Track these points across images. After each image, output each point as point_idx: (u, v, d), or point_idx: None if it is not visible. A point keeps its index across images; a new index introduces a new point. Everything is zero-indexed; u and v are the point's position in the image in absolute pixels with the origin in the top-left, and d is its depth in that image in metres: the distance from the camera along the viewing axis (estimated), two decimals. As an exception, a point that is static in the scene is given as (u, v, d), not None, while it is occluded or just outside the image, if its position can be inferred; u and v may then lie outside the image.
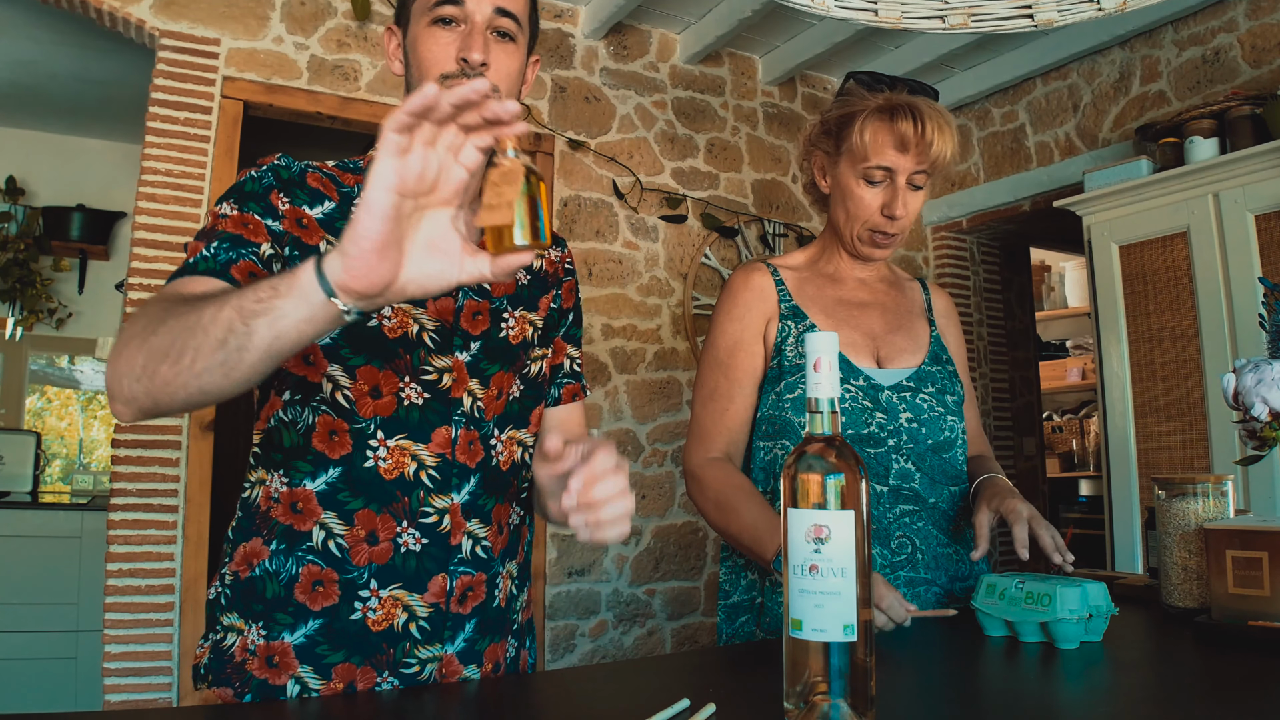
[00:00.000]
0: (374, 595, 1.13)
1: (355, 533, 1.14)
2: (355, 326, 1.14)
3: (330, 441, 1.15)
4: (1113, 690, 1.05)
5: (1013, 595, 1.26)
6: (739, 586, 1.63)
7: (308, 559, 1.13)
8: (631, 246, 4.06)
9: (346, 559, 1.13)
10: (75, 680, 4.01)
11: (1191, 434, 3.19)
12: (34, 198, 5.03)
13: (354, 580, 1.13)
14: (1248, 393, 1.33)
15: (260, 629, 1.13)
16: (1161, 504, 1.43)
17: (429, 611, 1.16)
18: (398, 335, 1.17)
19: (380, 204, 0.78)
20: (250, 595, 1.14)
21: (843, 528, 0.84)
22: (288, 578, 1.13)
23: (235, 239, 1.10)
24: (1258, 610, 1.22)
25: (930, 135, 1.52)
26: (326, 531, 1.14)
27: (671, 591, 3.98)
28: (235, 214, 1.12)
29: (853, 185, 1.59)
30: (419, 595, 1.15)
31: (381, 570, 1.14)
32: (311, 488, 1.15)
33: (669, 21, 4.15)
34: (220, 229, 1.11)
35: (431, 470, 1.18)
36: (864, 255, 1.65)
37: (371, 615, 1.13)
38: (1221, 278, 3.12)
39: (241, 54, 3.32)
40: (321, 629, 1.12)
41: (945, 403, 1.61)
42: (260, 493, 1.18)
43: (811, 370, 0.89)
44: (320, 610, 1.13)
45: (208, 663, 1.16)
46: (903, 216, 1.57)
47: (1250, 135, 3.14)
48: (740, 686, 0.93)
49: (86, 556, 4.11)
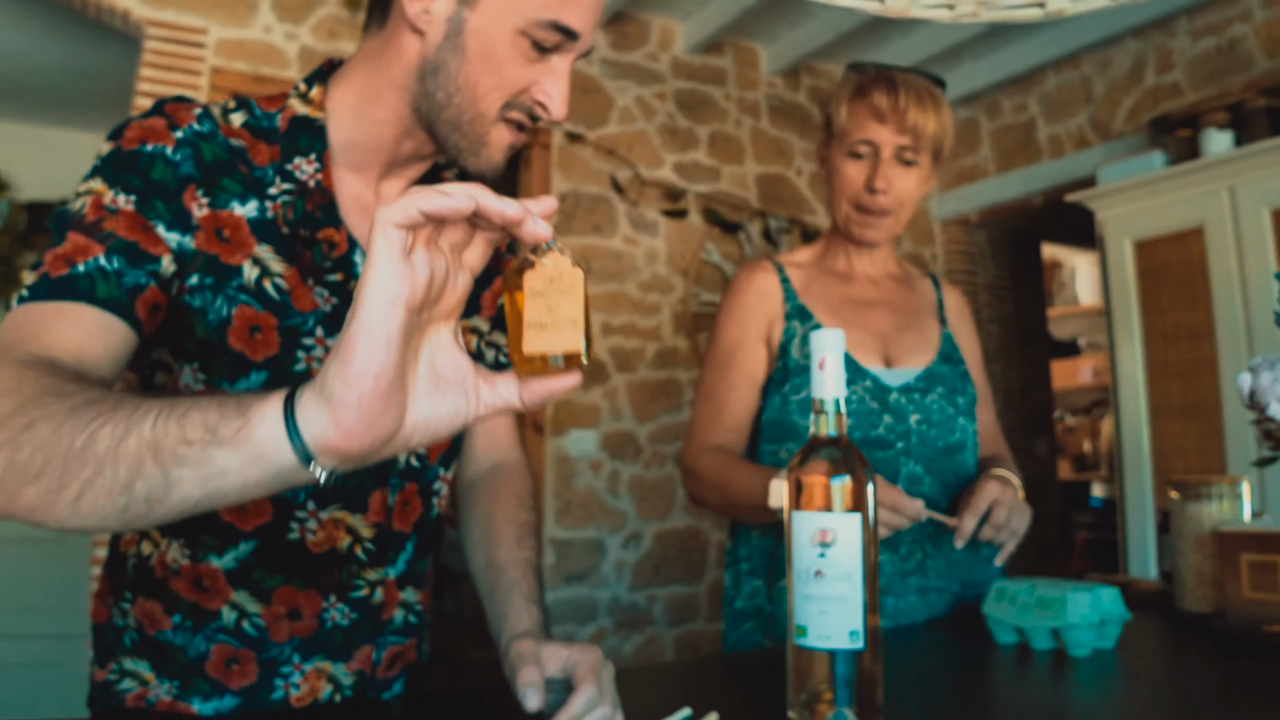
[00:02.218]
0: (296, 670, 1.00)
1: (274, 610, 0.97)
2: (278, 375, 0.92)
3: (241, 512, 0.96)
4: (1125, 698, 1.05)
5: (1024, 601, 1.23)
6: (743, 592, 1.60)
7: (219, 638, 0.96)
8: (631, 242, 4.00)
9: (266, 638, 0.98)
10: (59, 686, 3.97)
11: (1207, 435, 3.16)
12: (18, 191, 4.98)
13: (275, 658, 0.99)
14: (1264, 392, 1.31)
15: (173, 687, 0.97)
16: (1176, 507, 1.42)
17: (354, 680, 1.04)
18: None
19: (386, 325, 0.56)
20: (161, 655, 0.97)
21: (849, 532, 0.82)
22: (197, 655, 0.96)
23: (131, 250, 0.84)
24: (1274, 615, 1.20)
25: (904, 104, 1.52)
26: (239, 611, 0.96)
27: (672, 597, 3.92)
28: (130, 210, 0.85)
29: (840, 164, 1.60)
30: (344, 664, 1.03)
31: (305, 643, 1.00)
32: (218, 565, 0.96)
33: (670, 10, 4.10)
34: (108, 229, 0.83)
35: (367, 543, 1.02)
36: (855, 237, 1.64)
37: (295, 692, 1.00)
38: (1237, 274, 3.10)
39: (230, 43, 3.27)
40: (238, 709, 0.98)
41: (956, 404, 1.58)
42: (154, 556, 0.97)
43: (816, 369, 0.87)
44: (239, 689, 0.98)
45: (96, 695, 1.01)
46: (886, 191, 1.56)
47: (1267, 128, 3.12)
48: (744, 695, 0.93)
49: (70, 560, 4.06)
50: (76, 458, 0.61)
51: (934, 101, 1.55)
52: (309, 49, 3.39)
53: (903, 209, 1.59)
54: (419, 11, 0.91)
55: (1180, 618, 1.40)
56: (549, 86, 0.94)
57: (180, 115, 0.91)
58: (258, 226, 0.92)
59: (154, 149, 0.88)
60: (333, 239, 0.94)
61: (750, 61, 4.41)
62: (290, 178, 0.93)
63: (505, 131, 0.95)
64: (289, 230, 0.93)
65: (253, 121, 0.95)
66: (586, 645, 0.88)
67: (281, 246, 0.92)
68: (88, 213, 0.84)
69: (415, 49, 0.93)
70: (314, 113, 0.96)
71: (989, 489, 1.40)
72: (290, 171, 0.94)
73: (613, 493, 3.84)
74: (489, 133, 0.94)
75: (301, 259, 0.93)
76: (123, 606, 1.00)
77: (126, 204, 0.85)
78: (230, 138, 0.93)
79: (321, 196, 0.94)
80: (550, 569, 3.66)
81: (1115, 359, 3.47)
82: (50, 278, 0.80)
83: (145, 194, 0.86)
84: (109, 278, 0.81)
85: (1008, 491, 1.42)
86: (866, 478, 0.84)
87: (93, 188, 0.86)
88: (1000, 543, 1.41)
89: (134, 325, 0.82)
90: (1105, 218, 3.51)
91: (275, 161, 0.94)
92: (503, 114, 0.93)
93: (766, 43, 4.39)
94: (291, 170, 0.94)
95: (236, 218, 0.90)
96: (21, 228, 4.88)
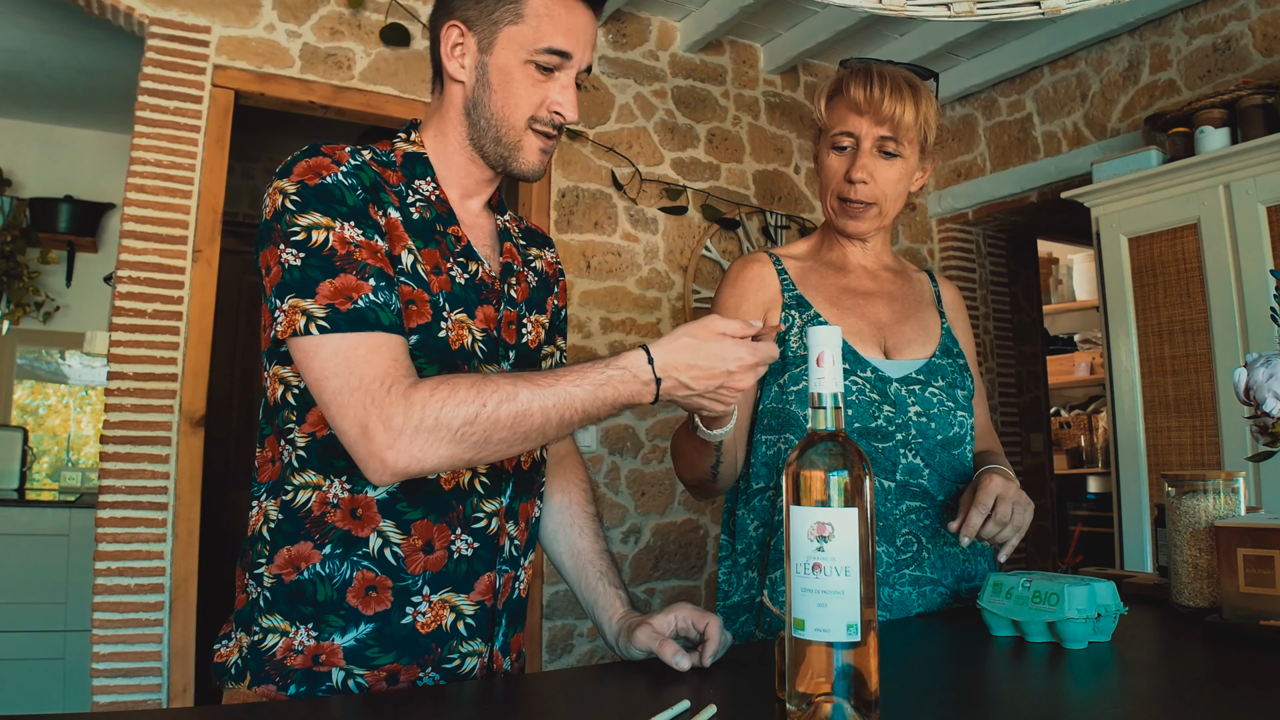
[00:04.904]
0: (425, 600, 1.16)
1: (412, 542, 1.16)
2: (431, 337, 1.17)
3: None
4: (1121, 691, 1.05)
5: (1020, 594, 1.24)
6: (738, 586, 1.60)
7: (363, 564, 1.14)
8: (631, 239, 4.01)
9: (402, 566, 1.15)
10: (63, 681, 3.98)
11: (1202, 430, 3.17)
12: (21, 189, 4.99)
13: (408, 587, 1.15)
14: (1259, 387, 1.32)
15: (310, 630, 1.14)
16: (1171, 501, 1.42)
17: (475, 609, 1.20)
18: (457, 347, 1.19)
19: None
20: (298, 598, 1.14)
21: (846, 526, 0.83)
22: (341, 581, 1.14)
23: (382, 274, 1.11)
24: (1269, 610, 1.20)
25: (879, 95, 1.53)
26: (384, 539, 1.15)
27: (671, 591, 3.94)
28: (365, 241, 1.11)
29: (824, 156, 1.63)
30: (465, 595, 1.19)
31: (435, 576, 1.17)
32: (373, 495, 1.15)
33: (669, 9, 4.11)
34: (360, 259, 1.09)
35: (483, 477, 1.22)
36: (840, 229, 1.65)
37: (421, 619, 1.16)
38: (1233, 270, 3.10)
39: (233, 42, 3.28)
40: (373, 633, 1.14)
41: (955, 397, 1.58)
42: (314, 497, 1.16)
43: (814, 365, 0.88)
44: (373, 615, 1.14)
45: (240, 662, 1.16)
46: (866, 182, 1.57)
47: (1262, 125, 3.12)
48: (742, 687, 0.94)
49: (75, 555, 4.07)
50: (523, 416, 1.03)
51: (913, 91, 1.55)
52: (311, 47, 3.40)
53: (886, 201, 1.59)
54: (456, 68, 1.23)
55: (1176, 611, 1.40)
56: (559, 97, 1.22)
57: (338, 154, 1.17)
58: (406, 225, 1.18)
59: (329, 182, 1.12)
60: (457, 234, 1.24)
61: (749, 59, 4.42)
62: (417, 192, 1.23)
63: (535, 139, 1.23)
64: (427, 226, 1.21)
65: (377, 157, 1.22)
66: (677, 605, 1.20)
67: (427, 237, 1.20)
68: (331, 247, 1.08)
69: (459, 94, 1.24)
70: (418, 149, 1.27)
71: (993, 484, 1.41)
72: (416, 188, 1.23)
73: (612, 487, 3.86)
74: (521, 140, 1.23)
75: (440, 246, 1.21)
76: (257, 573, 1.17)
77: (354, 234, 1.10)
78: (371, 165, 1.19)
79: (441, 206, 1.24)
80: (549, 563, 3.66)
81: (1111, 354, 3.47)
82: (340, 311, 1.05)
83: (357, 219, 1.12)
84: (387, 310, 1.08)
85: (1011, 486, 1.42)
86: (864, 472, 0.85)
87: (318, 222, 1.09)
88: (1004, 540, 1.41)
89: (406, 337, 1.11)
90: (1101, 214, 3.51)
91: (404, 181, 1.22)
92: (530, 125, 1.22)
93: (765, 41, 4.40)
94: (416, 187, 1.23)
95: (393, 219, 1.17)
96: (24, 224, 4.88)
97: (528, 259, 1.37)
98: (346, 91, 3.45)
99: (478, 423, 1.01)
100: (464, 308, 1.20)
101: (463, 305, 1.20)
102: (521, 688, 1.21)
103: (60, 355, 5.30)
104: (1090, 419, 6.12)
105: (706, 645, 1.14)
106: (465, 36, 1.22)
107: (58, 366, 5.31)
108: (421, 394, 1.01)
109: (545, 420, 1.04)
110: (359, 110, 3.47)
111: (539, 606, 3.64)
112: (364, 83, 3.48)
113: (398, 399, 1.01)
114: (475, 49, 1.21)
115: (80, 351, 5.23)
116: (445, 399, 1.01)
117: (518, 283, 1.30)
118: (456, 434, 1.01)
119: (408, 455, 1.01)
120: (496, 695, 1.11)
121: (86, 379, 5.30)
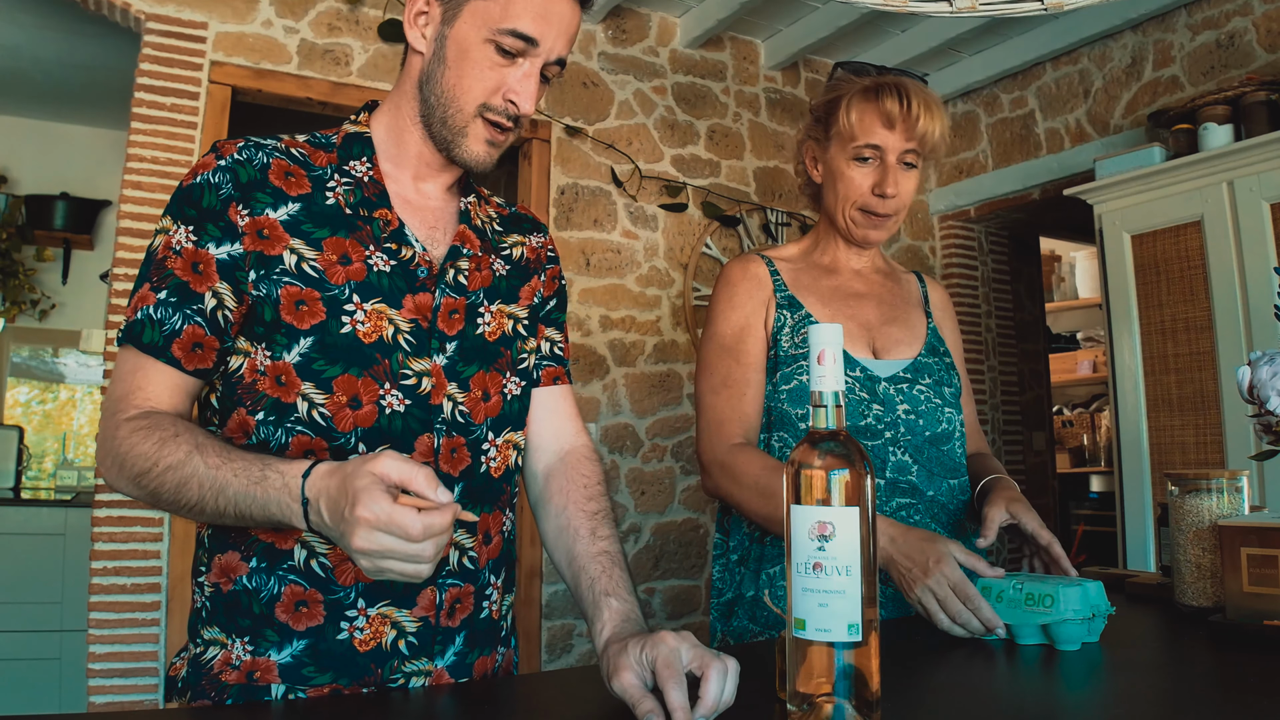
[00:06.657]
0: (361, 614, 1.09)
1: (340, 551, 1.09)
2: (329, 336, 1.09)
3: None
4: (1124, 691, 1.05)
5: (1011, 597, 1.23)
6: (732, 585, 1.62)
7: (290, 578, 1.09)
8: (630, 236, 4.00)
9: (331, 578, 1.09)
10: (59, 681, 3.98)
11: (1205, 428, 3.16)
12: (16, 186, 4.98)
13: (340, 600, 1.09)
14: (1263, 386, 1.32)
15: (246, 644, 1.09)
16: (1174, 500, 1.42)
17: (418, 626, 1.12)
18: (373, 340, 1.11)
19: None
20: (235, 609, 1.10)
21: (847, 525, 0.83)
22: (269, 596, 1.08)
23: (182, 289, 1.07)
24: (1273, 609, 1.20)
25: (916, 111, 1.54)
26: (309, 550, 1.09)
27: (671, 590, 3.93)
28: (189, 248, 1.08)
29: (843, 167, 1.61)
30: (407, 610, 1.11)
31: (369, 589, 1.10)
32: None
33: (669, 5, 4.10)
34: (170, 268, 1.08)
35: None
36: (858, 239, 1.66)
37: (359, 635, 1.09)
38: (1236, 268, 3.09)
39: (229, 38, 3.26)
40: (307, 650, 1.08)
41: (943, 394, 1.61)
42: None
43: (815, 363, 0.87)
44: (305, 630, 1.08)
45: (186, 675, 1.12)
46: (895, 195, 1.58)
47: (1266, 122, 3.11)
48: (742, 687, 0.91)
49: (71, 554, 4.06)
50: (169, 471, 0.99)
51: (937, 106, 1.57)
52: (309, 43, 3.38)
53: (904, 210, 1.63)
54: (417, 37, 1.16)
55: (1179, 611, 1.40)
56: (516, 86, 1.13)
57: (225, 147, 1.13)
58: (289, 225, 1.11)
59: (200, 180, 1.10)
60: (386, 217, 1.16)
61: (749, 56, 4.41)
62: (348, 174, 1.17)
63: (483, 128, 1.14)
64: (350, 211, 1.15)
65: (313, 140, 1.19)
66: (665, 636, 0.92)
67: (340, 224, 1.14)
68: (157, 250, 1.09)
69: (417, 66, 1.17)
70: (362, 129, 1.21)
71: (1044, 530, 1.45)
72: (347, 170, 1.17)
73: (612, 487, 3.84)
74: (467, 126, 1.14)
75: (362, 232, 1.14)
76: (200, 581, 1.13)
77: (186, 238, 1.08)
78: (273, 152, 1.15)
79: (373, 187, 1.17)
80: (549, 562, 3.66)
81: (1114, 353, 3.46)
82: (129, 320, 1.07)
83: (200, 220, 1.08)
84: (152, 325, 1.06)
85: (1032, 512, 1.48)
86: (865, 471, 0.84)
87: (165, 225, 1.10)
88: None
89: (171, 362, 1.07)
90: (1104, 212, 3.50)
91: (335, 163, 1.17)
92: (480, 112, 1.13)
93: (765, 37, 4.38)
94: (348, 169, 1.17)
95: (272, 220, 1.10)
96: (20, 222, 4.87)
97: (499, 246, 1.28)
98: (344, 88, 3.43)
99: (149, 478, 1.00)
100: (382, 297, 1.11)
101: (381, 295, 1.12)
102: (521, 688, 1.20)
103: (56, 354, 5.30)
104: (1093, 417, 6.12)
105: (701, 702, 0.86)
106: (431, 4, 1.14)
107: (54, 365, 5.30)
108: (124, 431, 1.03)
109: (201, 499, 0.98)
110: (357, 107, 3.44)
111: (539, 606, 3.63)
112: (362, 79, 3.47)
113: (114, 427, 1.04)
114: (439, 19, 1.14)
115: (76, 349, 5.21)
116: (133, 446, 1.01)
117: (475, 269, 1.21)
118: (135, 480, 1.02)
119: (108, 478, 1.05)
120: (496, 695, 1.10)
121: (83, 377, 5.29)
